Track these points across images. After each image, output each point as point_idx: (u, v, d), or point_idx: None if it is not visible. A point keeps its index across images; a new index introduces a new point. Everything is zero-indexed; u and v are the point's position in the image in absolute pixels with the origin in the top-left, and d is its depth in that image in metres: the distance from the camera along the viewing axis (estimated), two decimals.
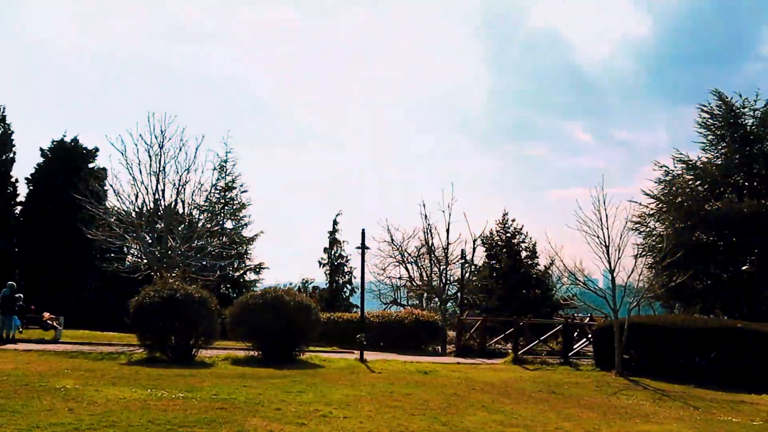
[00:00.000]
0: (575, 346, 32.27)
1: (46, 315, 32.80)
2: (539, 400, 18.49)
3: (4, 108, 51.80)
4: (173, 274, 31.42)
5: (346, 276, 57.78)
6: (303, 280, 59.54)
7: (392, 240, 48.00)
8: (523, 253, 53.59)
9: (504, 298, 49.96)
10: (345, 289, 57.71)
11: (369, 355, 28.05)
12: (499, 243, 53.70)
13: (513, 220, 54.58)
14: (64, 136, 52.06)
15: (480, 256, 52.88)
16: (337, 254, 57.51)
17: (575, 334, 33.48)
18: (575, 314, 40.40)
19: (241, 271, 51.77)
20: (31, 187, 51.79)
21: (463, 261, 43.60)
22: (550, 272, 50.06)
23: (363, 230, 28.61)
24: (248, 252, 52.16)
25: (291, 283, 54.30)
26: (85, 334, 34.39)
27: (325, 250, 57.51)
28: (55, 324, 31.91)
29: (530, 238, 54.32)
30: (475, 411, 15.63)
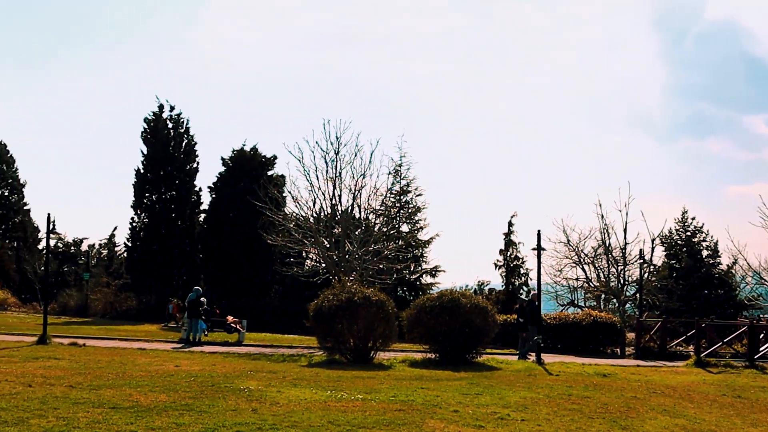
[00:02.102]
0: (761, 349, 31.03)
1: (230, 318, 33.76)
2: (723, 405, 17.88)
3: (187, 120, 53.89)
4: (351, 278, 31.91)
5: (522, 278, 57.19)
6: (479, 282, 59.38)
7: (568, 241, 47.31)
8: (704, 252, 52.07)
9: (684, 298, 48.66)
10: (521, 291, 57.20)
11: (546, 358, 27.74)
12: (679, 242, 52.34)
13: (693, 219, 53.09)
14: (244, 144, 53.66)
15: (659, 256, 51.69)
16: (512, 256, 57.01)
17: (761, 335, 32.21)
18: (761, 315, 38.86)
19: (418, 274, 52.00)
20: (213, 196, 53.57)
21: (641, 261, 42.58)
22: (733, 272, 48.48)
23: (539, 231, 28.35)
24: (424, 255, 52.36)
25: (467, 286, 54.35)
26: (267, 337, 35.26)
27: (501, 251, 57.10)
28: (238, 327, 32.81)
29: (711, 237, 52.79)
30: (656, 415, 15.26)
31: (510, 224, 56.76)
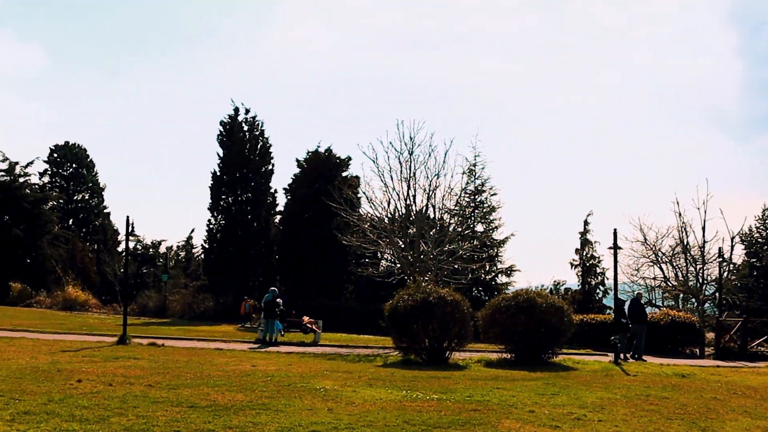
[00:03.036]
0: None
1: (306, 319, 33.95)
2: None
3: (262, 123, 54.48)
4: (426, 278, 31.90)
5: (599, 277, 56.60)
6: (554, 282, 59.02)
7: (645, 239, 46.68)
8: None
9: (766, 297, 47.73)
10: (597, 291, 56.61)
11: (624, 357, 27.47)
12: (759, 240, 51.37)
13: None
14: (318, 146, 54.03)
15: (739, 254, 50.81)
16: (588, 255, 56.46)
17: None
18: None
19: (493, 274, 51.79)
20: (288, 197, 54.02)
21: (720, 260, 41.89)
22: None
23: (615, 230, 28.02)
24: (499, 254, 52.11)
25: (542, 285, 54.05)
26: (343, 337, 35.41)
27: (577, 251, 56.60)
28: (314, 327, 32.99)
29: None
30: (737, 416, 14.98)
31: (586, 223, 56.26)
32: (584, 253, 56.44)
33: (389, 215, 35.59)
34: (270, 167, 54.40)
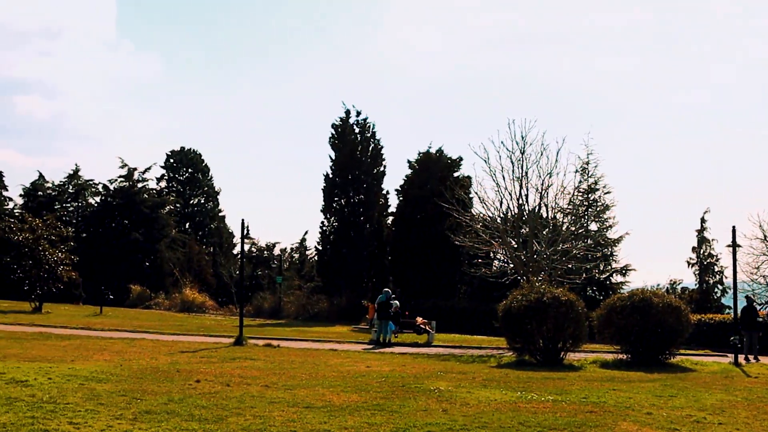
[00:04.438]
0: None
1: (419, 320, 33.98)
2: None
3: (373, 125, 54.70)
4: (539, 278, 31.63)
5: (717, 276, 55.21)
6: (670, 281, 57.68)
7: (765, 237, 45.43)
8: None
9: None
10: (716, 290, 55.27)
11: (743, 359, 26.82)
12: None
13: None
14: (430, 147, 54.00)
15: None
16: (705, 253, 55.12)
17: None
18: None
19: (607, 274, 51.00)
20: (400, 198, 54.12)
21: None
22: None
23: (733, 227, 27.37)
24: (614, 254, 51.25)
25: (658, 285, 52.84)
26: (456, 338, 35.36)
27: (693, 249, 55.32)
28: (427, 328, 32.99)
29: None
30: None
31: (702, 221, 54.94)
32: (701, 252, 55.14)
33: (501, 215, 35.40)
34: (381, 169, 54.62)
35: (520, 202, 34.67)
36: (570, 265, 35.43)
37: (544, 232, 35.25)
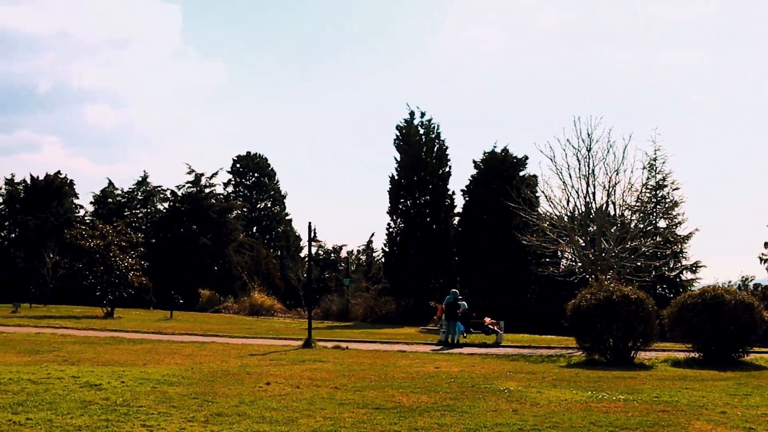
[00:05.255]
0: None
1: (488, 320, 33.83)
2: None
3: (438, 125, 54.71)
4: (608, 276, 31.35)
5: None
6: (742, 277, 56.86)
7: None
8: None
9: None
10: None
11: None
12: None
13: None
14: (495, 146, 53.98)
15: None
16: None
17: None
18: None
19: (677, 271, 50.46)
20: (466, 198, 54.12)
21: None
22: None
23: None
24: (683, 251, 50.70)
25: (729, 281, 52.16)
26: (525, 338, 35.17)
27: (766, 244, 54.52)
28: (496, 328, 32.84)
29: None
30: None
31: None
32: None
33: (568, 213, 35.17)
34: (447, 169, 54.59)
35: (587, 200, 34.42)
36: (639, 263, 35.02)
37: (612, 230, 34.92)
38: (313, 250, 75.53)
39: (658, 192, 50.16)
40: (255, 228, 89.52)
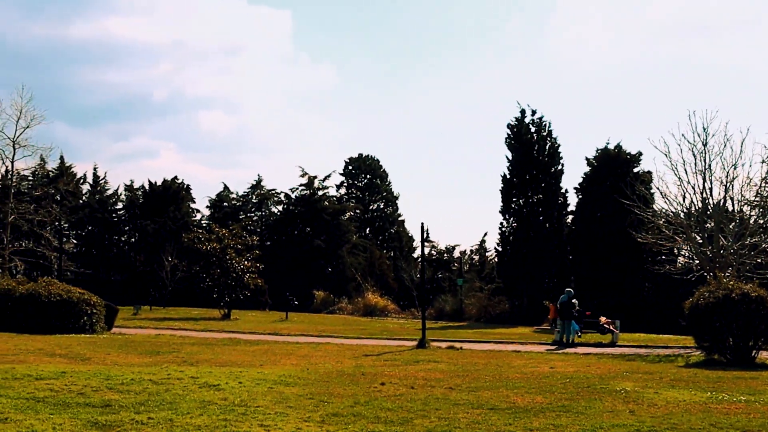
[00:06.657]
0: None
1: (603, 319, 33.47)
2: None
3: (549, 123, 54.28)
4: (727, 274, 30.68)
5: None
6: None
7: None
8: None
9: None
10: None
11: None
12: None
13: None
14: (608, 143, 53.40)
15: None
16: None
17: None
18: None
19: None
20: (579, 196, 53.67)
21: None
22: None
23: None
24: None
25: None
26: (641, 337, 34.70)
27: None
28: (611, 328, 32.47)
29: None
30: None
31: None
32: None
33: (685, 210, 34.60)
34: (559, 167, 54.16)
35: (704, 195, 33.81)
36: (759, 260, 34.18)
37: (731, 226, 34.19)
38: (426, 250, 76.05)
39: None
40: (368, 229, 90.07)
